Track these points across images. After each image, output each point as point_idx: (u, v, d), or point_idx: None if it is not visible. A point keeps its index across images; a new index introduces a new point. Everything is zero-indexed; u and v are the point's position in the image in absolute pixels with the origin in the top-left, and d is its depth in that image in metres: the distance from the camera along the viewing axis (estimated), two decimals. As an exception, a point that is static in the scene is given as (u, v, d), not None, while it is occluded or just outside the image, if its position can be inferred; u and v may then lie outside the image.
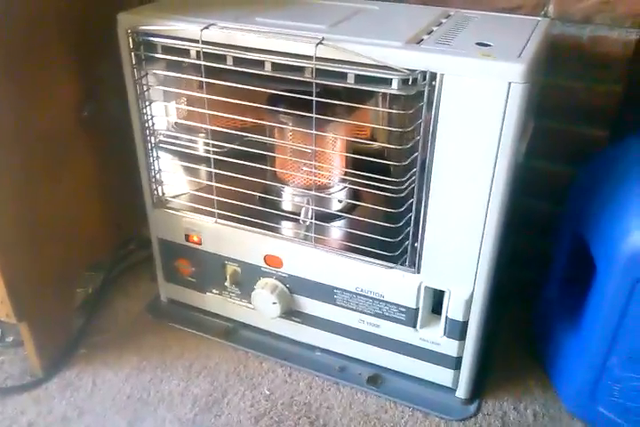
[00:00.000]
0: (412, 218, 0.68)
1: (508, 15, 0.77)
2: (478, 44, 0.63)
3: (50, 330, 0.84)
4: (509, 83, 0.58)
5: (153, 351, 0.87)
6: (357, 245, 0.73)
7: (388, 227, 0.70)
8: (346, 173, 0.78)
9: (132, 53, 0.74)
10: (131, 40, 0.73)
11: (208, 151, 0.76)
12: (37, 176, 0.77)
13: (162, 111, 0.84)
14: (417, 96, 0.62)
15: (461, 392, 0.79)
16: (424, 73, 0.61)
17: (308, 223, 0.76)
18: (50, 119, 0.78)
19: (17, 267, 0.75)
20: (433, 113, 0.62)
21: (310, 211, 0.76)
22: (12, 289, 0.75)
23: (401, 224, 0.69)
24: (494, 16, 0.77)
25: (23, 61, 0.72)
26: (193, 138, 0.81)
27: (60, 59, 0.78)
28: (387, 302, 0.75)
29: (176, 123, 0.88)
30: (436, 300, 0.74)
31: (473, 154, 0.62)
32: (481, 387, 0.81)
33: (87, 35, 0.80)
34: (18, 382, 0.82)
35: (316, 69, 0.64)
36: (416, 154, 0.65)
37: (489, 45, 0.63)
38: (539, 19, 0.74)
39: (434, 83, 0.60)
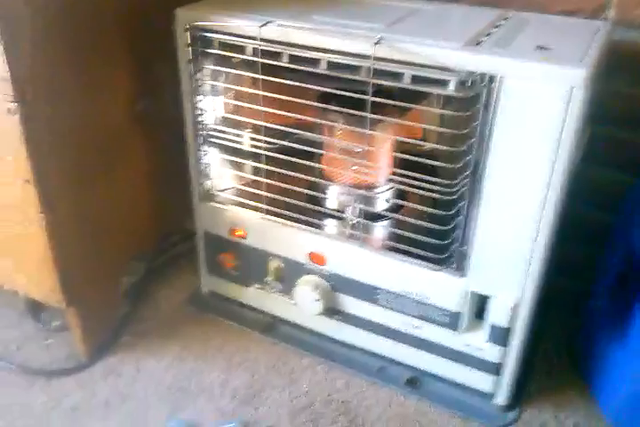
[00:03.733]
0: (462, 221, 0.68)
1: (566, 18, 0.76)
2: (538, 47, 0.63)
3: (96, 316, 0.86)
4: (571, 88, 0.57)
5: (194, 342, 0.88)
6: (403, 246, 0.73)
7: (437, 229, 0.69)
8: (394, 173, 0.77)
9: (189, 48, 0.75)
10: (188, 35, 0.74)
11: (258, 147, 0.77)
12: (93, 168, 0.79)
13: (218, 106, 0.85)
14: (472, 98, 0.61)
15: (501, 399, 0.78)
16: (482, 75, 0.60)
17: (354, 222, 0.76)
18: (106, 112, 0.79)
19: (69, 255, 0.77)
20: (490, 116, 0.61)
21: (357, 210, 0.76)
22: (63, 275, 0.77)
23: (450, 226, 0.69)
24: (552, 19, 0.76)
25: (85, 55, 0.73)
26: (243, 133, 0.82)
27: (118, 53, 0.79)
28: (430, 304, 0.75)
29: (224, 118, 0.89)
30: (481, 304, 0.73)
31: (529, 159, 0.61)
32: (521, 394, 0.80)
33: (145, 30, 0.82)
34: (63, 365, 0.84)
35: (373, 69, 0.64)
36: (470, 156, 0.64)
37: (549, 49, 0.62)
38: (599, 23, 0.73)
39: (492, 85, 0.60)
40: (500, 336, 0.72)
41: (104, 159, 0.81)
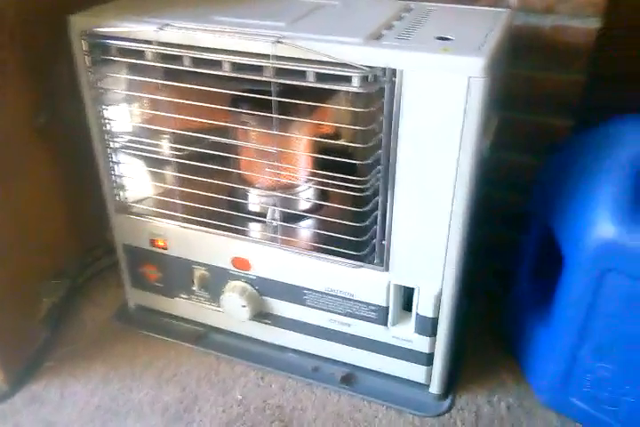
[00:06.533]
0: (379, 216, 0.68)
1: (469, 7, 0.77)
2: (439, 38, 0.63)
3: (14, 343, 0.81)
4: (469, 77, 0.57)
5: (122, 360, 0.85)
6: (325, 244, 0.72)
7: (355, 226, 0.69)
8: (311, 173, 0.77)
9: (86, 56, 0.72)
10: (84, 42, 0.71)
11: (170, 154, 0.75)
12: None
13: (125, 114, 0.82)
14: (379, 93, 0.61)
15: (435, 388, 0.78)
16: (384, 69, 0.60)
17: (274, 224, 0.75)
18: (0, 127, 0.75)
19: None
20: (394, 110, 0.61)
21: (277, 212, 0.75)
22: (-30, 303, 0.72)
23: (368, 223, 0.69)
24: (456, 8, 0.76)
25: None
26: (154, 142, 0.79)
27: (9, 63, 0.75)
28: (357, 300, 0.74)
29: (133, 126, 0.86)
30: (407, 297, 0.74)
31: (435, 150, 0.62)
32: (454, 382, 0.81)
33: (39, 37, 0.78)
34: (-18, 397, 0.80)
35: (276, 68, 0.63)
36: (379, 151, 0.64)
37: (449, 39, 0.63)
38: (500, 9, 0.74)
39: (394, 79, 0.60)
40: (427, 326, 0.73)
41: (1, 174, 0.76)
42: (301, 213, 0.77)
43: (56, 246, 0.88)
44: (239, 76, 0.65)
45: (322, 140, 0.75)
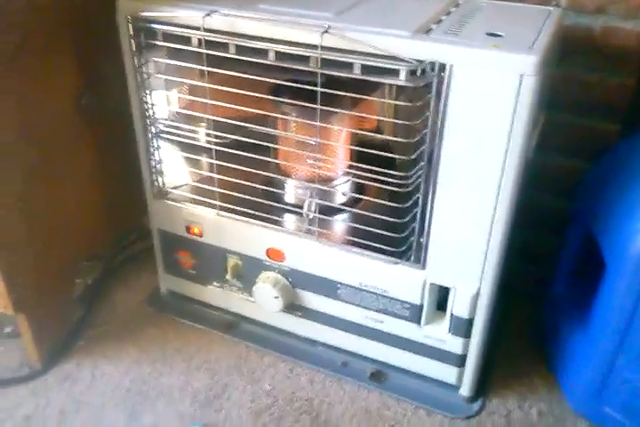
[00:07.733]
0: (419, 213, 0.67)
1: (518, 4, 0.75)
2: (489, 34, 0.61)
3: (48, 321, 0.83)
4: (521, 75, 0.56)
5: (153, 344, 0.86)
6: (361, 239, 0.71)
7: (394, 222, 0.68)
8: (350, 166, 0.76)
9: (132, 40, 0.72)
10: (131, 27, 0.71)
11: (209, 142, 0.75)
12: (36, 167, 0.75)
13: (163, 100, 0.83)
14: (425, 88, 0.60)
15: (465, 390, 0.77)
16: (433, 64, 0.59)
17: (311, 217, 0.75)
18: (48, 108, 0.76)
19: (14, 259, 0.74)
20: (441, 105, 0.60)
21: (313, 204, 0.74)
22: (9, 281, 0.73)
23: (407, 219, 0.68)
24: (504, 5, 0.75)
25: (21, 49, 0.70)
26: (194, 128, 0.80)
27: (58, 45, 0.76)
28: (391, 297, 0.74)
29: (178, 112, 0.86)
30: (442, 296, 0.73)
31: (482, 148, 0.60)
32: (485, 385, 0.80)
33: (87, 21, 0.78)
34: (16, 373, 0.81)
35: (322, 59, 0.62)
36: (423, 147, 0.63)
37: (500, 36, 0.61)
38: (550, 8, 0.72)
39: (443, 74, 0.59)
40: (462, 327, 0.72)
41: (48, 156, 0.77)
42: (339, 207, 0.76)
43: (92, 230, 0.90)
44: (285, 65, 0.64)
45: (363, 132, 0.74)
